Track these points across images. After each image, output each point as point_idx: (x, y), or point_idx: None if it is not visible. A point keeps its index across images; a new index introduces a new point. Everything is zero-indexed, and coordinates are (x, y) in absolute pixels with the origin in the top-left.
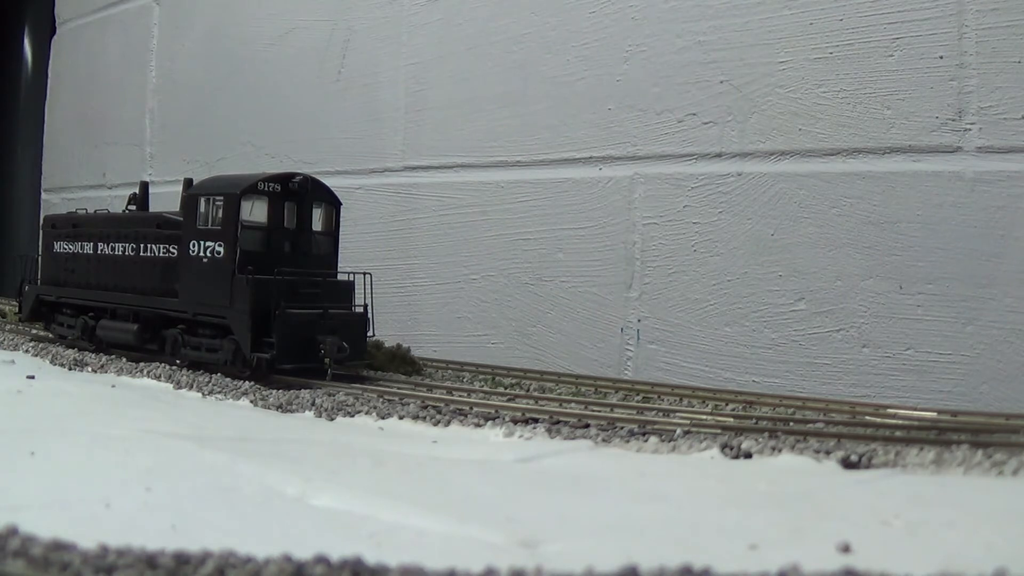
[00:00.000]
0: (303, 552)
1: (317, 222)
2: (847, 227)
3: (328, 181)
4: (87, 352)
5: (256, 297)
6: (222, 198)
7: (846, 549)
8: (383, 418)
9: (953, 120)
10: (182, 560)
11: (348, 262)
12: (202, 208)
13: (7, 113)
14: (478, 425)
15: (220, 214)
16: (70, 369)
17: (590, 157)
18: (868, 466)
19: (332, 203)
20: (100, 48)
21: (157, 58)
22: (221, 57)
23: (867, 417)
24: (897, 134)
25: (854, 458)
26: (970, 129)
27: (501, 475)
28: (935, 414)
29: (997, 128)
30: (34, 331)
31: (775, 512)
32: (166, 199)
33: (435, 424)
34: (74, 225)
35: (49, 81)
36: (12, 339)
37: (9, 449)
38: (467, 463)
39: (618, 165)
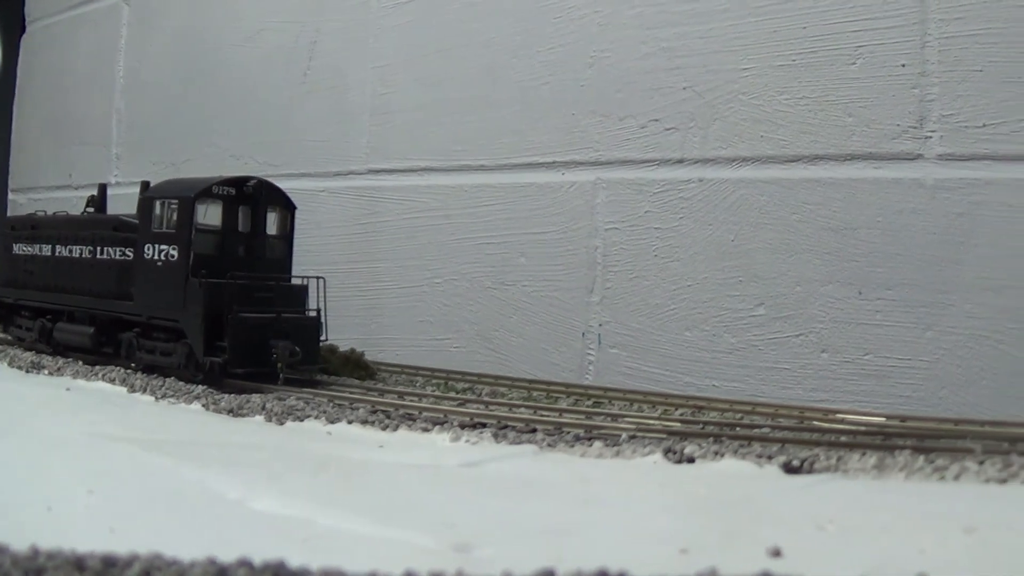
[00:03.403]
0: (234, 555)
1: (271, 226)
2: (807, 233)
3: (293, 183)
4: (44, 355)
5: (209, 301)
6: (176, 201)
7: (776, 553)
8: (332, 423)
9: (914, 127)
10: (109, 563)
11: (312, 265)
12: (157, 211)
13: None
14: (426, 430)
15: (174, 217)
16: (27, 372)
17: (553, 162)
18: (810, 471)
19: (287, 207)
20: (69, 47)
21: (125, 58)
22: (189, 58)
23: (815, 422)
24: (858, 141)
25: (796, 463)
26: (931, 136)
27: (444, 480)
28: (883, 419)
29: (958, 136)
30: None
31: (711, 517)
32: (132, 200)
33: (383, 429)
34: (33, 227)
35: (18, 80)
36: None
37: None
38: (411, 468)
39: (581, 170)
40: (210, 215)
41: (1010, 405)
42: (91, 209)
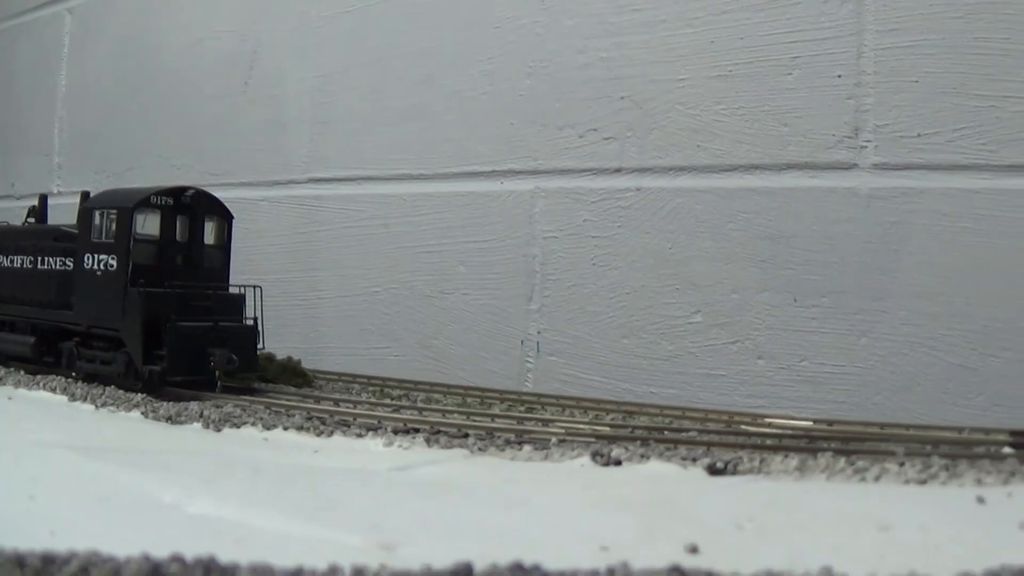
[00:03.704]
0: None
1: (209, 235)
2: (743, 241)
3: (234, 192)
4: None
5: (147, 310)
6: (115, 212)
7: (693, 550)
8: (268, 429)
9: (850, 137)
10: (48, 560)
11: (253, 273)
12: (96, 221)
13: None
14: (360, 436)
15: (113, 227)
16: None
17: (492, 171)
18: (733, 472)
19: (224, 217)
20: (11, 56)
21: (68, 67)
22: (131, 67)
23: (742, 426)
24: (794, 151)
25: (719, 465)
26: (866, 146)
27: (375, 483)
28: (810, 423)
29: (893, 146)
30: None
31: (634, 516)
32: (74, 210)
33: (318, 435)
34: None
35: None
36: None
37: None
38: (344, 472)
39: (520, 179)
40: (148, 225)
41: (943, 410)
42: (32, 220)
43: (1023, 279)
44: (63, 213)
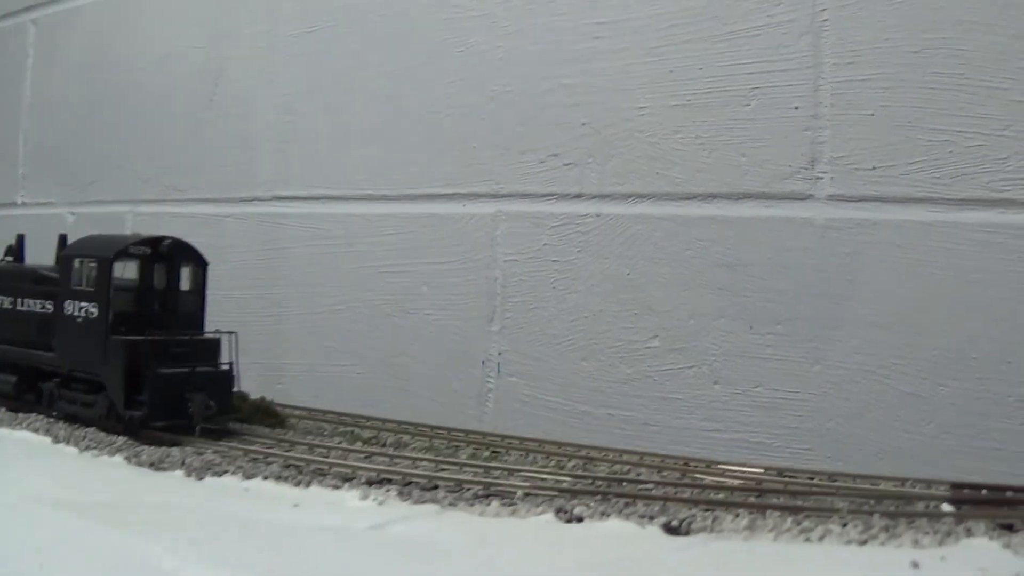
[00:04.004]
0: None
1: (185, 281)
2: (700, 268)
3: (198, 208)
4: None
5: (128, 358)
6: (95, 261)
7: None
8: (248, 478)
9: (806, 168)
10: None
11: (217, 290)
12: (76, 268)
13: None
14: (336, 487)
15: (93, 275)
16: None
17: (455, 193)
18: (687, 532)
19: (199, 263)
20: None
21: (32, 78)
22: (97, 80)
23: (697, 475)
24: (751, 180)
25: (675, 523)
26: (822, 178)
27: (354, 544)
28: (762, 471)
29: (848, 177)
30: None
31: None
32: (40, 221)
33: (296, 485)
34: None
35: None
36: None
37: None
38: (324, 531)
39: (482, 202)
40: (127, 272)
41: (894, 436)
42: (10, 258)
43: (972, 311)
44: (28, 224)
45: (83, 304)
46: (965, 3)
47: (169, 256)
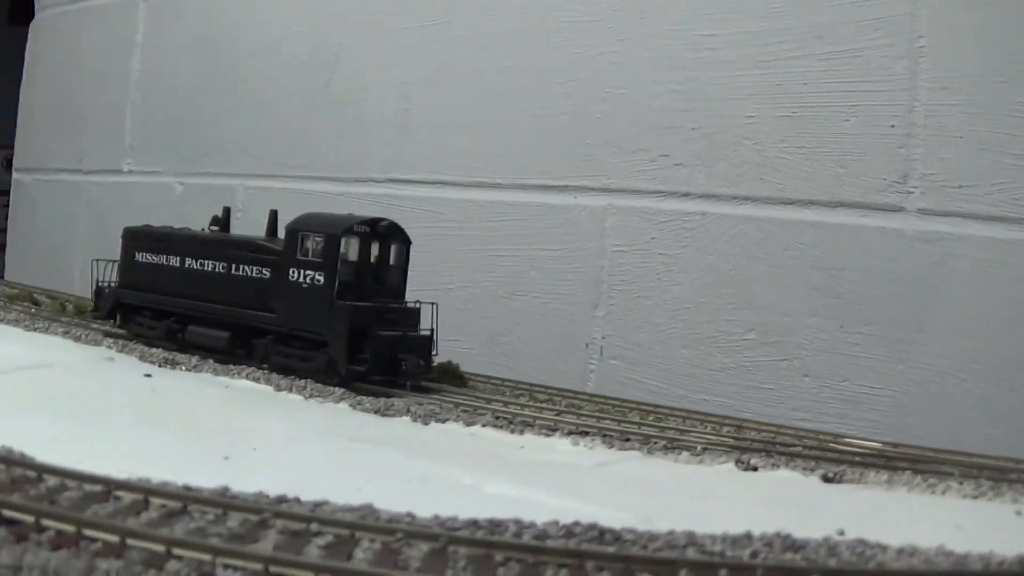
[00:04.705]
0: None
1: (393, 258)
2: (797, 269)
3: (311, 186)
4: (175, 352)
5: (352, 320)
6: (322, 236)
7: (841, 532)
8: (468, 425)
9: (899, 183)
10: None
11: None
12: (303, 242)
13: None
14: (547, 435)
15: (320, 248)
16: (160, 366)
17: (566, 186)
18: (840, 481)
19: (405, 242)
20: (80, 37)
21: (141, 53)
22: (208, 59)
23: (831, 444)
24: (848, 190)
25: (830, 475)
26: (913, 192)
27: (592, 475)
28: (880, 444)
29: (937, 193)
30: (93, 327)
31: (784, 510)
32: (145, 188)
33: (511, 432)
34: (159, 240)
35: (25, 64)
36: (89, 335)
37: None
38: (562, 466)
39: (592, 195)
40: (349, 248)
41: (966, 436)
42: (215, 228)
43: None
44: (136, 191)
45: (309, 272)
46: None
47: (383, 235)
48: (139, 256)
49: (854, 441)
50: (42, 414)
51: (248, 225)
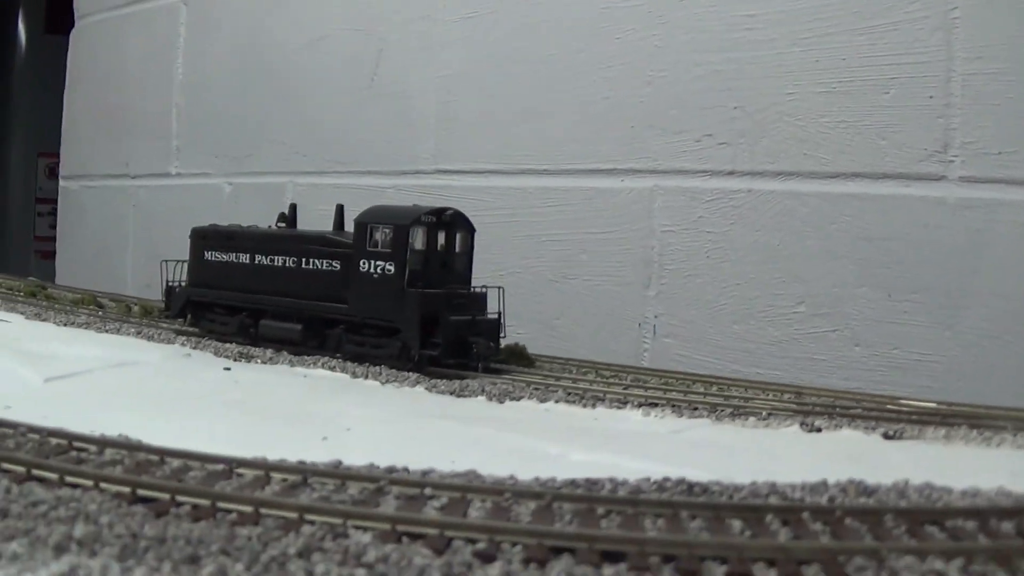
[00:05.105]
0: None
1: (459, 246)
2: (844, 241)
3: (360, 180)
4: (248, 347)
5: (423, 307)
6: (391, 227)
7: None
8: (542, 402)
9: (939, 152)
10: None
11: None
12: (373, 234)
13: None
14: (619, 407)
15: (390, 239)
16: (235, 360)
17: (613, 169)
18: (900, 437)
19: (469, 230)
20: (122, 44)
21: (184, 56)
22: (251, 60)
23: (888, 406)
24: (890, 162)
25: (891, 432)
26: (954, 161)
27: (667, 441)
28: (935, 404)
29: (978, 161)
30: (163, 326)
31: (851, 464)
32: (194, 191)
33: (584, 407)
34: (228, 238)
35: (68, 72)
36: (161, 334)
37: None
38: (639, 434)
39: (639, 177)
40: (418, 238)
41: (1014, 395)
42: (282, 224)
43: None
44: (183, 194)
45: (379, 263)
46: None
47: (449, 223)
48: (208, 255)
49: (910, 402)
50: (138, 407)
51: (300, 221)
